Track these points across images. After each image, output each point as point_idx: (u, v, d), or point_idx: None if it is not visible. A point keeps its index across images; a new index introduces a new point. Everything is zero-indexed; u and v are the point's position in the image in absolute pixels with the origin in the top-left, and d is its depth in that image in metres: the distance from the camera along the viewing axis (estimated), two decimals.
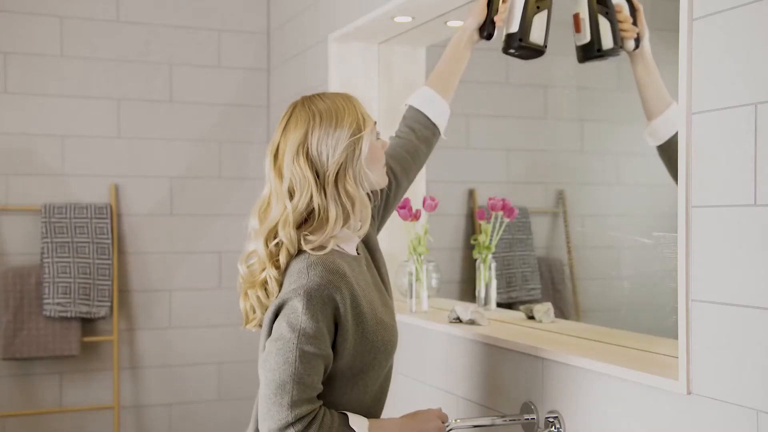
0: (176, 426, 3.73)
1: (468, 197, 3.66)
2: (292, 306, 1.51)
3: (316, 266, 1.53)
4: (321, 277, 1.52)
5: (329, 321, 1.52)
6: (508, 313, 2.43)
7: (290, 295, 1.52)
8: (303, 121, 1.61)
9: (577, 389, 1.73)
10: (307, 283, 1.51)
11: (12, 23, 3.48)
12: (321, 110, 1.62)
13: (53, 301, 3.38)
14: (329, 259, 1.55)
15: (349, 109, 1.63)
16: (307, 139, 1.59)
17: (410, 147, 1.95)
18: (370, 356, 1.59)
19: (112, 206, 3.58)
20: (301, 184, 1.58)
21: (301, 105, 1.64)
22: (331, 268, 1.54)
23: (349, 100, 1.66)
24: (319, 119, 1.60)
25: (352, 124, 1.61)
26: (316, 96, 1.66)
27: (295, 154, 1.59)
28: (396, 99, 2.96)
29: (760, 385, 1.32)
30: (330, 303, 1.51)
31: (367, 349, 1.58)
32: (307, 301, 1.50)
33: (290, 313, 1.51)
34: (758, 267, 1.32)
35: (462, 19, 2.57)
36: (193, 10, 3.75)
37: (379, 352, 1.60)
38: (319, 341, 1.50)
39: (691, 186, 1.44)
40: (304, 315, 1.49)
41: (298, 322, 1.49)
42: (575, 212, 3.74)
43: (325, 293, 1.51)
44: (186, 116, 3.74)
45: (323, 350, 1.51)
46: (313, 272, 1.52)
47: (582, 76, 3.84)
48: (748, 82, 1.33)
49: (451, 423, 1.74)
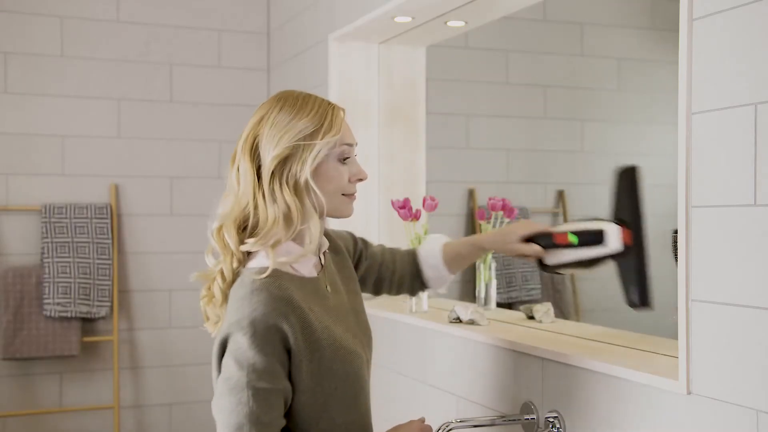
0: (176, 426, 3.73)
1: (468, 197, 3.66)
2: (236, 341, 1.36)
3: (260, 292, 1.37)
4: (265, 305, 1.36)
5: (280, 352, 1.37)
6: (508, 313, 2.43)
7: (233, 329, 1.36)
8: (265, 106, 1.48)
9: (577, 389, 1.73)
10: (250, 312, 1.36)
11: (12, 23, 3.49)
12: (287, 100, 1.47)
13: (53, 301, 3.38)
14: (275, 283, 1.39)
15: (318, 112, 1.46)
16: (259, 126, 1.45)
17: (399, 272, 1.82)
18: (331, 386, 1.43)
19: (112, 206, 3.58)
20: (244, 175, 1.45)
21: (278, 93, 1.51)
22: (277, 294, 1.38)
23: (331, 106, 1.48)
24: (279, 108, 1.45)
25: (309, 126, 1.43)
26: (302, 91, 1.51)
27: (244, 141, 1.46)
28: (396, 99, 2.96)
29: (760, 385, 1.32)
30: (278, 333, 1.36)
31: (327, 378, 1.42)
32: (252, 334, 1.34)
33: (236, 349, 1.35)
34: (758, 267, 1.32)
35: (462, 19, 2.58)
36: (193, 10, 3.75)
37: (341, 381, 1.44)
38: (272, 375, 1.35)
39: (691, 186, 1.44)
40: (250, 350, 1.34)
41: (245, 358, 1.34)
42: (575, 212, 3.74)
43: (270, 323, 1.35)
44: (186, 116, 3.74)
45: (278, 384, 1.36)
46: (256, 299, 1.37)
47: (582, 76, 3.84)
48: (748, 82, 1.33)
49: (451, 423, 1.74)
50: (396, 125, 2.96)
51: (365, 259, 1.78)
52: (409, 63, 2.98)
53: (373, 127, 2.93)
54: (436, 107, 3.41)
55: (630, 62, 3.85)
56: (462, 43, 3.58)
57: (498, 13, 2.53)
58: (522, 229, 1.72)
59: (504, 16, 2.58)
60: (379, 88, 2.96)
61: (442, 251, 1.82)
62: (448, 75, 3.57)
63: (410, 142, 2.98)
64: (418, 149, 2.99)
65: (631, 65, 3.86)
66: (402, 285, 1.85)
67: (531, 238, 1.71)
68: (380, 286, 1.83)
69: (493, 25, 2.80)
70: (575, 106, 3.83)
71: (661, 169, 2.43)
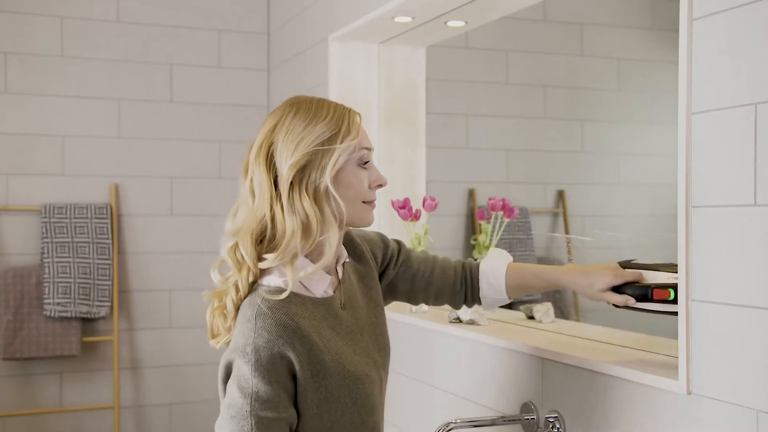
0: (176, 426, 3.73)
1: (468, 197, 3.66)
2: (239, 367, 1.33)
3: (265, 318, 1.33)
4: (270, 332, 1.32)
5: (285, 379, 1.33)
6: (508, 313, 2.43)
7: (236, 355, 1.33)
8: (278, 112, 1.42)
9: (577, 389, 1.73)
10: (254, 339, 1.32)
11: (12, 23, 3.48)
12: (300, 106, 1.40)
13: (53, 301, 3.38)
14: (282, 309, 1.34)
15: (334, 117, 1.40)
16: (274, 133, 1.39)
17: (437, 284, 1.69)
18: (337, 412, 1.39)
19: (112, 206, 3.58)
20: (260, 186, 1.38)
21: (290, 99, 1.45)
22: (282, 320, 1.33)
23: (347, 110, 1.43)
24: (293, 114, 1.39)
25: (327, 131, 1.38)
26: (314, 96, 1.45)
27: (258, 150, 1.39)
28: (396, 99, 2.96)
29: (760, 385, 1.32)
30: (283, 361, 1.33)
31: (333, 405, 1.38)
32: (255, 362, 1.31)
33: (239, 376, 1.32)
34: (758, 267, 1.32)
35: (462, 19, 2.58)
36: (193, 10, 3.75)
37: (348, 407, 1.40)
38: (276, 404, 1.32)
39: (691, 186, 1.44)
40: (254, 378, 1.31)
41: (248, 386, 1.31)
42: (575, 212, 3.74)
43: (275, 351, 1.32)
44: (186, 116, 3.74)
45: (282, 412, 1.33)
46: (260, 324, 1.32)
47: (582, 76, 3.84)
48: (748, 82, 1.33)
49: (451, 423, 1.74)
50: (396, 125, 2.96)
51: (396, 266, 1.67)
52: (409, 63, 2.98)
53: (373, 127, 2.93)
54: (436, 107, 3.41)
55: (630, 62, 3.85)
56: (462, 43, 3.58)
57: (498, 13, 2.53)
58: (612, 278, 1.56)
59: (504, 16, 2.58)
60: (379, 88, 2.96)
61: (506, 273, 1.67)
62: (448, 75, 3.57)
63: (410, 142, 2.98)
64: (418, 149, 2.99)
65: (631, 65, 3.85)
66: (440, 297, 1.70)
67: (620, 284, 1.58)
68: (414, 297, 1.71)
69: (493, 25, 2.80)
70: (575, 106, 3.82)
71: (661, 169, 2.43)
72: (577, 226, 3.67)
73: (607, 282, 1.57)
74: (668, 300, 1.52)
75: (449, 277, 1.69)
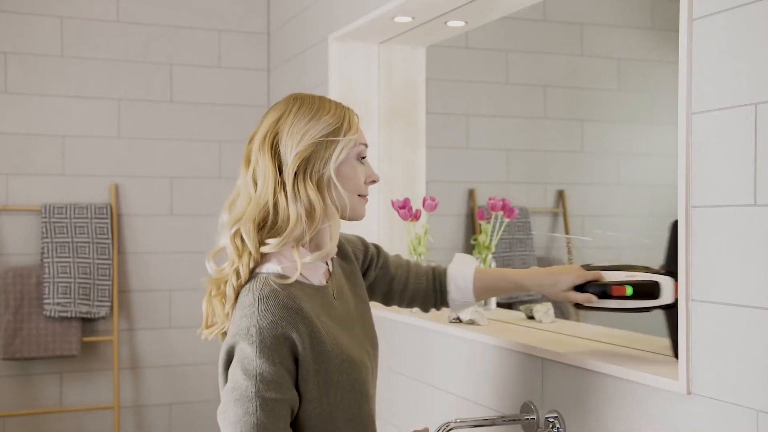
0: (176, 426, 3.73)
1: (468, 197, 3.66)
2: (243, 350, 1.35)
3: (268, 300, 1.36)
4: (273, 314, 1.35)
5: (288, 360, 1.36)
6: (508, 313, 2.43)
7: (239, 338, 1.36)
8: (281, 106, 1.48)
9: (577, 389, 1.73)
10: (258, 320, 1.35)
11: (12, 23, 3.48)
12: (304, 100, 1.47)
13: (53, 301, 3.38)
14: (284, 291, 1.38)
15: (337, 112, 1.47)
16: (278, 124, 1.45)
17: (412, 288, 1.77)
18: (336, 397, 1.42)
19: (112, 206, 3.58)
20: (264, 174, 1.43)
21: (291, 94, 1.51)
22: (285, 302, 1.37)
23: (345, 107, 1.51)
24: (297, 107, 1.46)
25: (331, 124, 1.45)
26: (315, 94, 1.52)
27: (262, 140, 1.45)
28: (396, 99, 2.96)
29: (760, 385, 1.32)
30: (286, 341, 1.35)
31: (333, 389, 1.42)
32: (260, 343, 1.33)
33: (243, 358, 1.34)
34: (758, 267, 1.32)
35: (462, 19, 2.58)
36: (193, 10, 3.75)
37: (346, 391, 1.44)
38: (281, 385, 1.34)
39: (691, 186, 1.44)
40: (258, 359, 1.33)
41: (253, 367, 1.33)
42: (575, 212, 3.74)
43: (279, 332, 1.35)
44: (186, 116, 3.74)
45: (286, 393, 1.35)
46: (264, 307, 1.36)
47: (582, 76, 3.84)
48: (748, 82, 1.33)
49: (451, 423, 1.74)
50: (396, 125, 2.96)
51: (375, 269, 1.74)
52: (409, 63, 2.98)
53: (373, 127, 2.93)
54: (436, 107, 3.41)
55: (630, 62, 3.85)
56: (462, 43, 3.58)
57: (498, 13, 2.53)
58: (574, 278, 1.63)
59: (504, 16, 2.58)
60: (379, 88, 2.96)
61: (474, 276, 1.75)
62: (448, 75, 3.57)
63: (410, 142, 2.98)
64: (418, 149, 2.99)
65: (631, 65, 3.85)
66: (413, 301, 1.79)
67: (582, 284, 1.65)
68: (389, 299, 1.78)
69: (493, 25, 2.80)
70: (575, 106, 3.82)
71: (661, 169, 2.43)
72: (577, 226, 3.67)
73: (569, 282, 1.64)
74: (626, 296, 1.60)
75: (422, 282, 1.78)
